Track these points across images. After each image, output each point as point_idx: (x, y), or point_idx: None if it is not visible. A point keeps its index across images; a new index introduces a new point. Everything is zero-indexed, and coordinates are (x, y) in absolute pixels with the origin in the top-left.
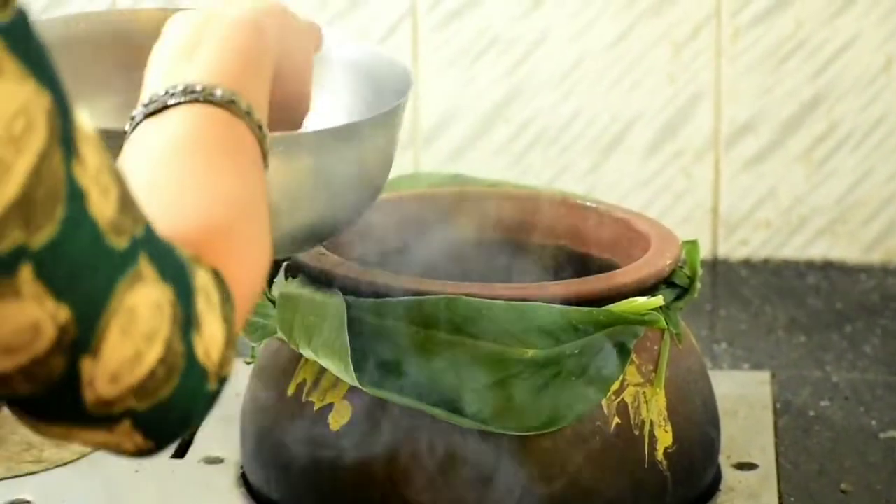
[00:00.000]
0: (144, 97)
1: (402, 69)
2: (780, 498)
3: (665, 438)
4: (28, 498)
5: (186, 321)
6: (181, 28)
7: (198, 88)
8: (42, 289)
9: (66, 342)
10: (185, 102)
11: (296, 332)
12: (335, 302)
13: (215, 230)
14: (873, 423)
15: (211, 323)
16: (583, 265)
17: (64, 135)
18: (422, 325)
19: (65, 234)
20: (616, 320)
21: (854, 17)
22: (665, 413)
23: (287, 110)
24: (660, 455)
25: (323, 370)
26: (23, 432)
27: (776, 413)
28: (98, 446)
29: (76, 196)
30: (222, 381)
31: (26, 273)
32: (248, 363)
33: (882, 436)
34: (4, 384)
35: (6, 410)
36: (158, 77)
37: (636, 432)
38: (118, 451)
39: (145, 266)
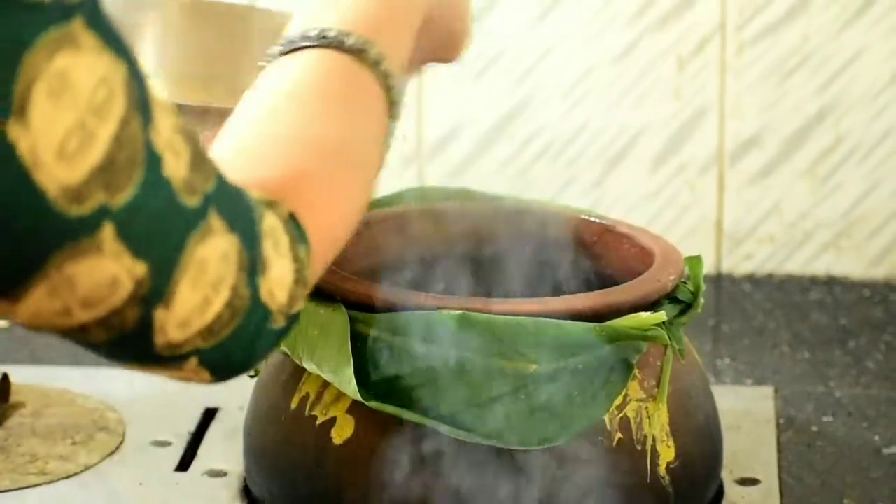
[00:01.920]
0: (283, 38)
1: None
2: None
3: (667, 454)
4: None
5: (252, 266)
6: None
7: (331, 34)
8: (121, 246)
9: (141, 295)
10: (315, 47)
11: (299, 345)
12: (339, 316)
13: (303, 176)
14: (876, 438)
15: (277, 264)
16: (586, 280)
17: (140, 102)
18: (425, 340)
19: (143, 195)
20: (619, 336)
21: (860, 31)
22: (667, 428)
23: (445, 49)
24: (662, 470)
25: (326, 384)
26: (28, 444)
27: (779, 428)
28: (170, 379)
29: (153, 159)
30: (291, 319)
31: (108, 232)
32: (252, 377)
33: (885, 451)
34: (82, 333)
35: (11, 422)
36: (301, 19)
37: (638, 447)
38: (187, 382)
39: (215, 220)
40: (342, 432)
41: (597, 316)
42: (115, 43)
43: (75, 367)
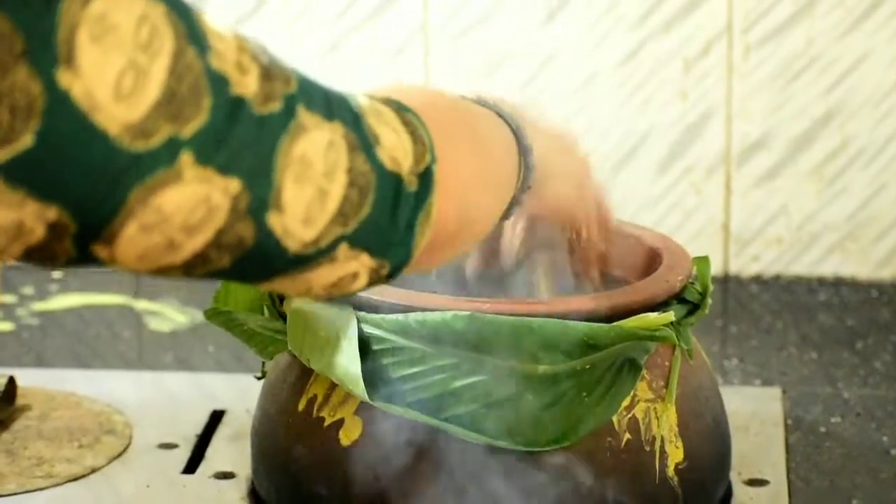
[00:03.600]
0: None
1: None
2: None
3: (676, 454)
4: None
5: (364, 142)
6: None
7: (490, 103)
8: (206, 170)
9: (244, 207)
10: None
11: (307, 347)
12: (346, 317)
13: (451, 126)
14: (885, 439)
15: (387, 134)
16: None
17: (190, 33)
18: (432, 341)
19: (215, 119)
20: (627, 336)
21: (866, 34)
22: (676, 429)
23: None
24: (671, 471)
25: (334, 385)
26: (34, 447)
27: (787, 429)
28: (336, 288)
29: (218, 84)
30: (424, 177)
31: (186, 159)
32: (259, 378)
33: (893, 452)
34: (204, 261)
35: (18, 425)
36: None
37: (647, 448)
38: (357, 284)
39: (305, 116)
40: (350, 434)
41: (605, 316)
42: None
43: (81, 370)
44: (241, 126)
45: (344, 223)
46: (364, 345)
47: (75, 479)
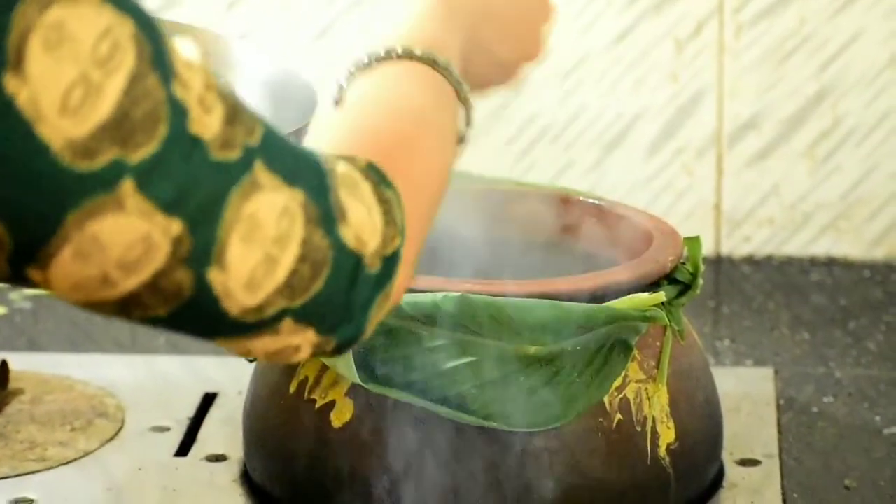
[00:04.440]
0: (352, 62)
1: (309, 89)
2: (783, 494)
3: (668, 435)
4: (31, 496)
5: (326, 216)
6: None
7: (398, 50)
8: (147, 204)
9: (183, 254)
10: (385, 59)
11: None
12: None
13: (390, 135)
14: (877, 419)
15: (358, 210)
16: (585, 262)
17: (157, 58)
18: (424, 322)
19: (167, 151)
20: (618, 317)
21: (858, 13)
22: (667, 409)
23: (494, 74)
24: (662, 451)
25: (325, 367)
26: (27, 431)
27: (779, 409)
28: (278, 355)
29: (177, 115)
30: (388, 260)
31: (128, 187)
32: (250, 361)
33: (886, 432)
34: (137, 305)
35: (10, 408)
36: (361, 50)
37: (638, 428)
38: (299, 355)
39: (262, 173)
40: (341, 415)
41: (596, 297)
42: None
43: (74, 354)
44: (193, 166)
45: (291, 296)
46: None
47: (68, 462)
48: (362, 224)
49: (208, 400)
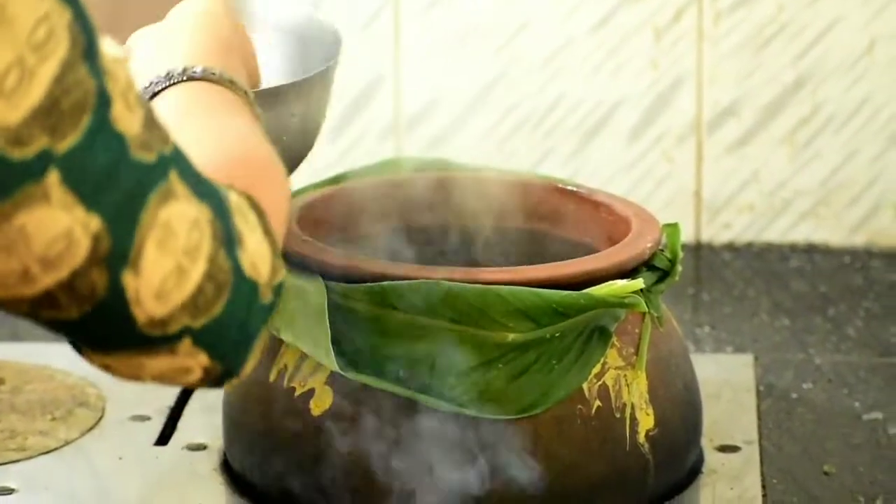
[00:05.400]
0: (143, 84)
1: (332, 31)
2: (762, 480)
3: (647, 421)
4: (12, 486)
5: (228, 238)
6: (150, 34)
7: (178, 70)
8: (70, 196)
9: (102, 253)
10: (170, 85)
11: (276, 317)
12: (316, 287)
13: (242, 162)
14: (856, 404)
15: (251, 238)
16: (563, 249)
17: (88, 49)
18: (403, 310)
19: (89, 142)
20: (596, 304)
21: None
22: (647, 396)
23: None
24: (642, 438)
25: (304, 356)
26: (7, 420)
27: (759, 396)
28: (166, 377)
29: (102, 108)
30: (276, 291)
31: (53, 178)
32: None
33: (865, 417)
34: (51, 305)
35: None
36: (142, 75)
37: (617, 415)
38: (188, 379)
39: (177, 183)
40: (321, 403)
41: (574, 284)
42: None
43: (54, 344)
44: (114, 160)
45: (194, 314)
46: (334, 314)
47: (48, 451)
48: (256, 252)
49: (188, 389)
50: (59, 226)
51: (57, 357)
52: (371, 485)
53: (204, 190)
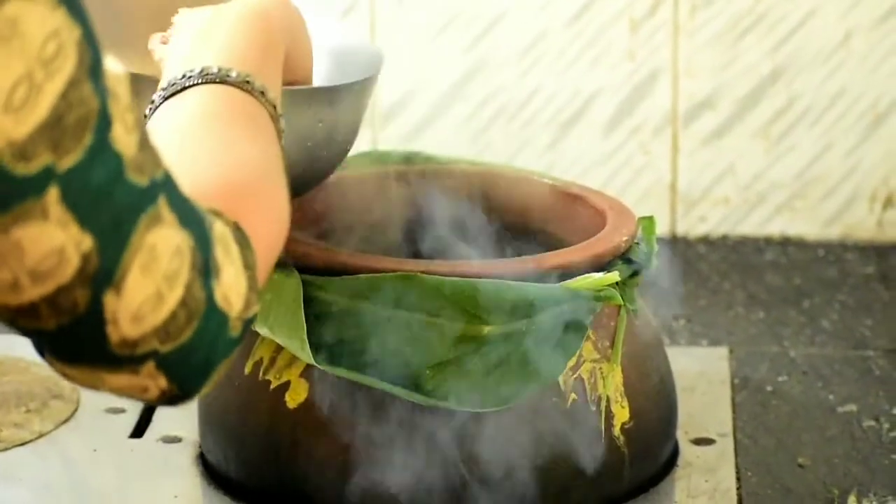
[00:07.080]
0: (163, 83)
1: (374, 51)
2: (737, 472)
3: (622, 414)
4: None
5: (205, 268)
6: (193, 22)
7: (214, 70)
8: (67, 214)
9: (89, 272)
10: (202, 83)
11: None
12: (291, 279)
13: (238, 189)
14: (831, 397)
15: (229, 271)
16: (538, 242)
17: (94, 68)
18: (379, 303)
19: (89, 160)
20: (572, 296)
21: None
22: (622, 389)
23: (298, 75)
24: (617, 431)
25: (280, 348)
26: None
27: (734, 388)
28: (123, 391)
29: (103, 127)
30: (246, 326)
31: (53, 195)
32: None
33: (840, 410)
34: (32, 315)
35: None
36: (176, 64)
37: (593, 408)
38: (144, 396)
39: (165, 209)
40: (296, 396)
41: (550, 277)
42: (70, 3)
43: None
44: (110, 181)
45: (164, 340)
46: (309, 307)
47: (23, 443)
48: (231, 285)
49: None
50: (53, 242)
51: (32, 349)
52: (346, 477)
53: (190, 217)
